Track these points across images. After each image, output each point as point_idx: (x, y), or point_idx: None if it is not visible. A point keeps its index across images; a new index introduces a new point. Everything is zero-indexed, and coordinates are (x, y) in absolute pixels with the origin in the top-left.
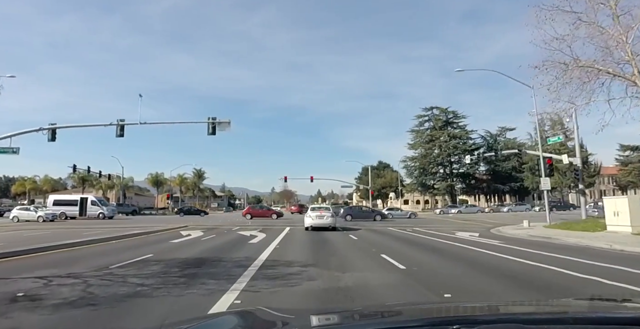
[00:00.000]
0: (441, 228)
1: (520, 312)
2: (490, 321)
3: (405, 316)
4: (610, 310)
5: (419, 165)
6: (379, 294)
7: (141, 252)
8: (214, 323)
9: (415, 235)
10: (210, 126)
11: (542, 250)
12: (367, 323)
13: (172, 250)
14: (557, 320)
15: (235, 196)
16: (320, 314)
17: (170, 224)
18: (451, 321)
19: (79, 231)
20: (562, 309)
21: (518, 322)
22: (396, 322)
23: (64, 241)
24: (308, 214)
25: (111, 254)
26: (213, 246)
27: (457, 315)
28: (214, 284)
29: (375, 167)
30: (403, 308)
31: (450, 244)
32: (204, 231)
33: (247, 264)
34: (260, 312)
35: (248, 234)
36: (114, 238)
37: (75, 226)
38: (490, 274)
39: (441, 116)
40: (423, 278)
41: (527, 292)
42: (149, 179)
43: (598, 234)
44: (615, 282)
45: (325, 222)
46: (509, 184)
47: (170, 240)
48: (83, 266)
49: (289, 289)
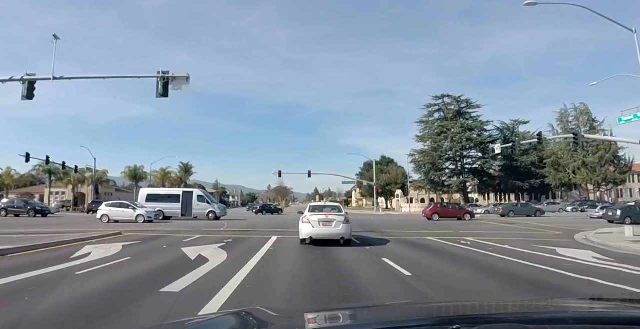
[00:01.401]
0: (507, 239)
1: (520, 312)
2: (490, 321)
3: (405, 316)
4: (610, 310)
5: (428, 159)
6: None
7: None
8: (213, 323)
9: (491, 256)
10: (161, 84)
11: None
12: (367, 323)
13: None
14: (557, 320)
15: (228, 193)
16: (320, 314)
17: (104, 229)
18: (451, 321)
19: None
20: (562, 309)
21: (518, 322)
22: (396, 322)
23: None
24: (306, 218)
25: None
26: (82, 294)
27: (457, 315)
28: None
29: (379, 163)
30: (403, 308)
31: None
32: (131, 245)
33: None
34: (259, 312)
35: (196, 255)
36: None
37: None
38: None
39: (453, 105)
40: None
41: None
42: (126, 173)
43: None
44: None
45: (334, 231)
46: (528, 181)
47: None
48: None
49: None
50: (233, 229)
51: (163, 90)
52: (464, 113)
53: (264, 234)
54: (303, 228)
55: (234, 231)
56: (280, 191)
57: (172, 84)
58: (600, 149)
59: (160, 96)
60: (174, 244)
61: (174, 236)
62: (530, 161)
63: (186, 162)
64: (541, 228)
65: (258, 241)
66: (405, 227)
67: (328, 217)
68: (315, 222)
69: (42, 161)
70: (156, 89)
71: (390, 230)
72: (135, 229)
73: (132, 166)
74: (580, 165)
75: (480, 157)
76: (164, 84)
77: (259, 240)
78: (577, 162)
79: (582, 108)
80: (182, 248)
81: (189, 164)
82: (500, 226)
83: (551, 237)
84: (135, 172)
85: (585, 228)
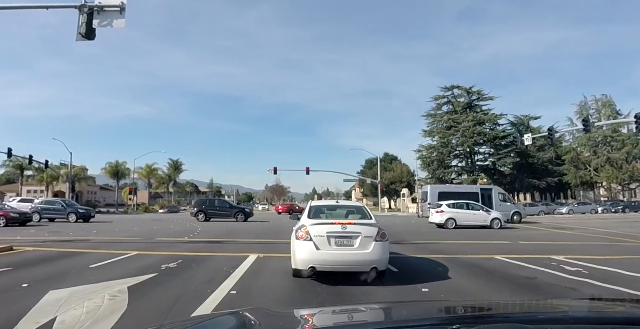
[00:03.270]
0: (617, 257)
1: (520, 312)
2: (490, 321)
3: (406, 316)
4: (610, 310)
5: (436, 156)
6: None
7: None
8: (213, 323)
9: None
10: (83, 19)
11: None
12: (366, 323)
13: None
14: (557, 320)
15: (223, 192)
16: (320, 314)
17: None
18: (451, 321)
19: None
20: (562, 309)
21: (518, 322)
22: (396, 322)
23: None
24: (304, 230)
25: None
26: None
27: (457, 315)
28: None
29: (382, 160)
30: (403, 308)
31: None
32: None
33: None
34: (260, 312)
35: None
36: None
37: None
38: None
39: (463, 97)
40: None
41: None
42: (107, 169)
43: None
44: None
45: (359, 257)
46: (545, 180)
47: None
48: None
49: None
50: (204, 235)
51: (87, 28)
52: (475, 106)
53: (238, 249)
54: (299, 249)
55: (205, 236)
56: (276, 190)
57: (99, 18)
58: (626, 144)
59: (84, 37)
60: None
61: (85, 256)
62: (547, 157)
63: (176, 159)
64: (614, 235)
65: (219, 265)
66: (434, 235)
67: (347, 229)
68: (321, 238)
69: (15, 157)
70: (77, 27)
71: (421, 240)
72: (72, 235)
73: (114, 162)
74: (605, 162)
75: (493, 154)
76: (87, 20)
77: (223, 262)
78: (600, 159)
79: (604, 100)
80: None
81: (179, 161)
82: (557, 232)
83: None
84: (117, 168)
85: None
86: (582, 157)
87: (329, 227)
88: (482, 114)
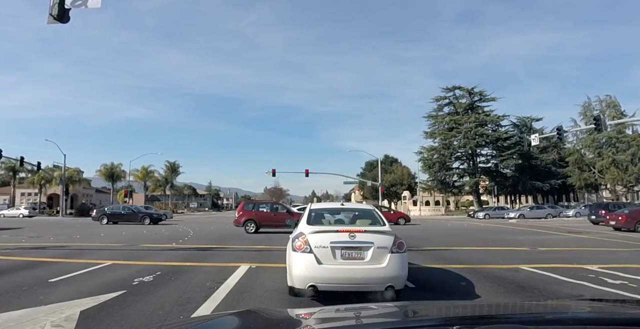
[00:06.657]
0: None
1: (520, 312)
2: (490, 322)
3: (406, 316)
4: (610, 310)
5: (437, 158)
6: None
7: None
8: (213, 324)
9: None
10: None
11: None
12: (366, 323)
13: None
14: (557, 320)
15: (221, 195)
16: (320, 314)
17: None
18: (451, 321)
19: None
20: (562, 309)
21: (518, 322)
22: (396, 322)
23: None
24: (302, 238)
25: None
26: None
27: (457, 315)
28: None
29: (382, 162)
30: (403, 308)
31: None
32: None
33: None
34: (260, 312)
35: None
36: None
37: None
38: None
39: (465, 97)
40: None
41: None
42: (102, 171)
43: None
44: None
45: (370, 273)
46: (548, 182)
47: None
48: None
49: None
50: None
51: (59, 9)
52: (477, 107)
53: (228, 258)
54: (296, 263)
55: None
56: (274, 192)
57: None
58: (632, 145)
59: (55, 19)
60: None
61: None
62: (550, 159)
63: (173, 161)
64: (631, 239)
65: (203, 278)
66: (445, 239)
67: (355, 238)
68: (324, 249)
69: (6, 159)
70: (49, 8)
71: (432, 246)
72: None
73: (109, 164)
74: (610, 163)
75: (495, 155)
76: (59, 2)
77: (207, 275)
78: (605, 161)
79: (608, 100)
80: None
81: (176, 162)
82: (573, 237)
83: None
84: (112, 170)
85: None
86: (586, 159)
87: (333, 236)
88: (484, 115)
